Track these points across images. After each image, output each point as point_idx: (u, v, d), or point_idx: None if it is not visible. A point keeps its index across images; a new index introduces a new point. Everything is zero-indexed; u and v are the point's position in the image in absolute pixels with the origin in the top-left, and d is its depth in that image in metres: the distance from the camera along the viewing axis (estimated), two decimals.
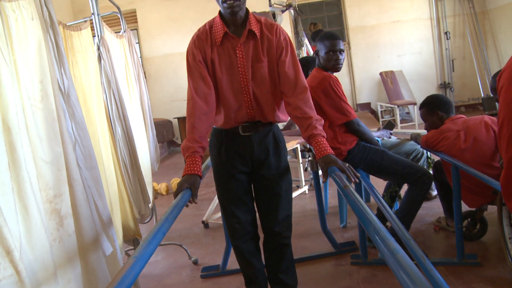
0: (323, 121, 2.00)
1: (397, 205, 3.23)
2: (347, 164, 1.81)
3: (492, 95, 2.48)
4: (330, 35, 2.83)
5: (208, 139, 2.13)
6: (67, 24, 2.39)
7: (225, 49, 1.96)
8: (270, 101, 2.05)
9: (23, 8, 1.72)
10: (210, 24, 2.01)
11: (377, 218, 1.24)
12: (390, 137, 3.33)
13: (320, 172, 3.33)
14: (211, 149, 2.18)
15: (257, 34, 1.96)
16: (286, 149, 2.21)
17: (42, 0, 1.82)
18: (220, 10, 1.97)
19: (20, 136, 1.53)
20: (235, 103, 2.02)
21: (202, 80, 1.97)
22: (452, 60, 8.42)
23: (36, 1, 1.79)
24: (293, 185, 4.46)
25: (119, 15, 3.52)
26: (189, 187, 1.81)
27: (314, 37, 5.47)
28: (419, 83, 8.43)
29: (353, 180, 1.75)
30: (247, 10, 1.99)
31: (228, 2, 1.85)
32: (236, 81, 1.99)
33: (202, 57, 1.98)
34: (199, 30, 2.03)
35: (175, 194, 1.77)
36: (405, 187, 2.95)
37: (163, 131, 7.91)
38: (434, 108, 2.88)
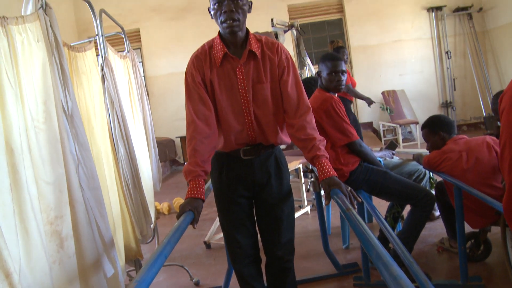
0: (325, 141, 1.97)
1: (399, 226, 3.22)
2: (349, 188, 1.78)
3: (493, 115, 2.49)
4: (332, 56, 2.85)
5: None
6: (72, 44, 2.42)
7: (225, 70, 1.92)
8: (272, 123, 2.00)
9: (29, 30, 1.74)
10: (210, 45, 1.97)
11: (379, 242, 1.23)
12: (392, 157, 3.32)
13: (322, 193, 3.33)
14: (212, 172, 2.11)
15: (258, 54, 1.93)
16: (288, 172, 2.17)
17: (48, 23, 1.84)
18: (219, 31, 1.93)
19: (23, 158, 1.54)
20: (235, 125, 1.97)
21: (202, 102, 1.92)
22: (454, 79, 8.45)
23: (42, 23, 1.81)
24: (295, 205, 4.44)
25: (123, 36, 3.56)
26: (191, 210, 1.77)
27: None
28: (421, 102, 8.45)
29: (353, 205, 1.71)
30: (247, 30, 1.96)
31: (228, 22, 1.82)
32: (236, 103, 1.94)
33: (201, 78, 1.94)
34: (197, 50, 1.99)
35: (178, 216, 1.74)
36: (408, 208, 2.94)
37: (166, 150, 7.92)
38: (436, 128, 2.88)
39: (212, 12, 1.88)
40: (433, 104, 8.53)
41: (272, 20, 5.38)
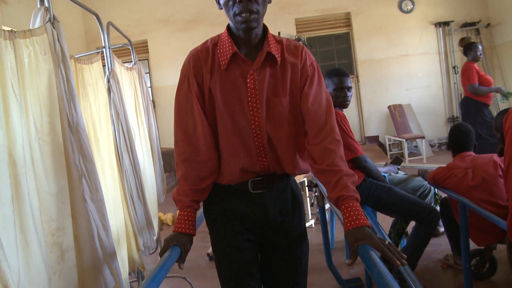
0: (356, 177, 1.49)
1: (404, 242, 3.19)
2: (387, 241, 1.31)
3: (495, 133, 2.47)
4: (338, 72, 2.85)
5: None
6: (79, 56, 2.44)
7: (232, 76, 1.50)
8: (292, 147, 1.58)
9: (36, 43, 1.76)
10: (214, 42, 1.55)
11: (381, 261, 1.22)
12: (397, 173, 3.31)
13: (327, 206, 3.31)
14: (208, 210, 1.68)
15: (278, 58, 1.52)
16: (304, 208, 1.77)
17: (55, 36, 1.86)
18: (228, 24, 1.55)
19: (25, 170, 1.54)
20: (242, 149, 1.54)
21: (199, 117, 1.52)
22: (461, 94, 8.41)
23: (50, 37, 1.83)
24: None
25: (130, 48, 3.59)
26: (178, 245, 1.47)
27: (466, 51, 5.71)
28: (427, 117, 8.42)
29: (397, 263, 1.24)
30: (265, 27, 1.56)
31: (244, 15, 1.41)
32: (244, 120, 1.52)
33: (198, 85, 1.53)
34: (197, 47, 1.56)
35: (161, 253, 1.48)
36: (412, 224, 2.92)
37: (171, 161, 7.93)
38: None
39: (222, 1, 1.48)
40: (439, 119, 8.50)
41: (279, 33, 5.41)
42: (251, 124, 1.52)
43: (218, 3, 1.53)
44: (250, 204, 1.59)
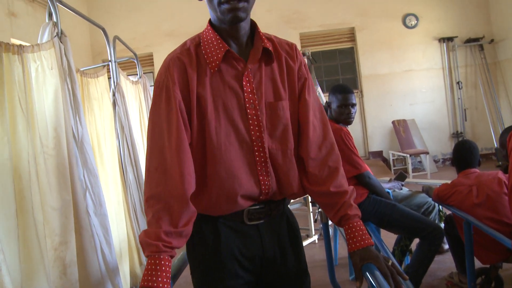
0: (355, 192, 1.38)
1: (408, 259, 3.16)
2: (390, 262, 1.25)
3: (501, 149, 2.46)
4: (343, 89, 2.85)
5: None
6: (86, 69, 2.47)
7: (224, 80, 1.26)
8: (293, 162, 1.35)
9: (43, 58, 1.78)
10: (195, 42, 1.29)
11: (384, 280, 1.20)
12: (401, 189, 3.30)
13: (331, 222, 3.29)
14: (193, 251, 1.35)
15: (273, 54, 1.31)
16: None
17: (63, 50, 1.88)
18: (209, 21, 1.32)
19: (30, 184, 1.55)
20: (241, 168, 1.27)
21: (180, 137, 1.19)
22: (465, 110, 8.42)
23: (57, 51, 1.85)
24: (303, 234, 4.41)
25: (136, 61, 3.61)
26: None
27: None
28: (431, 132, 8.41)
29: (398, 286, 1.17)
30: (253, 22, 1.33)
31: (231, 2, 1.17)
32: (243, 131, 1.27)
33: (183, 95, 1.22)
34: (174, 52, 1.28)
35: None
36: (416, 241, 2.89)
37: None
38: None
39: None
40: (443, 134, 8.48)
41: None
42: (252, 136, 1.27)
43: None
44: (246, 239, 1.32)
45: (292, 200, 3.89)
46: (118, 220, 2.47)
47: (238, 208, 1.29)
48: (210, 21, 1.31)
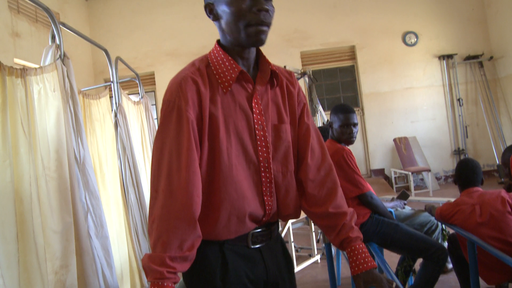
0: (355, 213, 1.40)
1: (411, 279, 3.13)
2: (394, 284, 1.28)
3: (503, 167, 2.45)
4: (345, 109, 2.86)
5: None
6: (88, 89, 2.48)
7: (236, 100, 1.26)
8: (294, 184, 1.38)
9: (46, 80, 1.79)
10: (205, 63, 1.30)
11: None
12: (404, 208, 3.28)
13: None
14: (194, 277, 1.28)
15: (279, 78, 1.35)
16: None
17: (65, 72, 1.89)
18: (218, 42, 1.33)
19: (32, 207, 1.55)
20: (249, 189, 1.27)
21: (190, 158, 1.17)
22: (466, 127, 8.42)
23: (59, 73, 1.86)
24: (305, 254, 4.38)
25: (138, 82, 3.63)
26: None
27: None
28: (432, 150, 8.41)
29: None
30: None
31: (261, 27, 1.21)
32: (252, 152, 1.28)
33: (195, 114, 1.20)
34: (185, 70, 1.27)
35: None
36: (420, 261, 2.87)
37: None
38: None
39: (229, 9, 1.23)
40: (445, 151, 8.48)
41: (284, 67, 5.46)
42: (259, 156, 1.28)
43: (211, 13, 1.30)
44: (251, 264, 1.30)
45: (294, 220, 3.87)
46: (120, 242, 2.46)
47: (245, 230, 1.28)
48: (218, 42, 1.32)
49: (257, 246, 1.32)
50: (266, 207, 1.29)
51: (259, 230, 1.32)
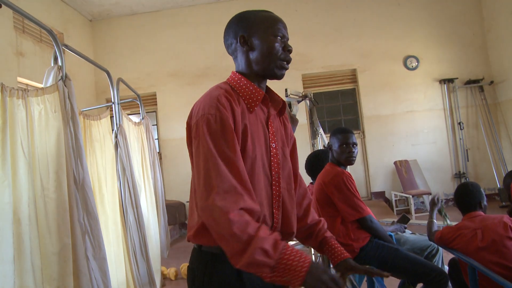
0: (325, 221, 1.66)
1: None
2: (367, 266, 1.54)
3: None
4: (343, 130, 2.88)
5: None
6: (89, 109, 2.49)
7: (257, 119, 1.44)
8: (294, 202, 1.54)
9: (47, 101, 1.80)
10: (229, 87, 1.44)
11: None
12: (404, 232, 3.26)
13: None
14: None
15: (284, 109, 1.56)
16: None
17: (66, 93, 1.90)
18: (236, 73, 1.48)
19: (29, 228, 1.54)
20: (265, 199, 1.41)
21: (241, 159, 1.30)
22: (467, 150, 8.42)
23: (61, 94, 1.87)
24: None
25: (139, 103, 3.65)
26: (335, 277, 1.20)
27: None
28: (433, 173, 8.39)
29: (384, 275, 1.43)
30: None
31: (287, 64, 1.46)
32: (266, 167, 1.42)
33: (234, 125, 1.33)
34: (217, 91, 1.38)
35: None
36: (420, 285, 2.83)
37: (176, 213, 7.87)
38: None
39: (267, 44, 1.43)
40: (446, 174, 8.46)
41: (286, 90, 5.49)
42: (272, 170, 1.44)
43: (244, 44, 1.45)
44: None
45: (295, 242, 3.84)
46: (117, 263, 2.44)
47: None
48: (236, 72, 1.48)
49: None
50: (274, 219, 1.43)
51: None
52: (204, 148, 1.27)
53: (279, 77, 1.46)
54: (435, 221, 3.03)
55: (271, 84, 1.51)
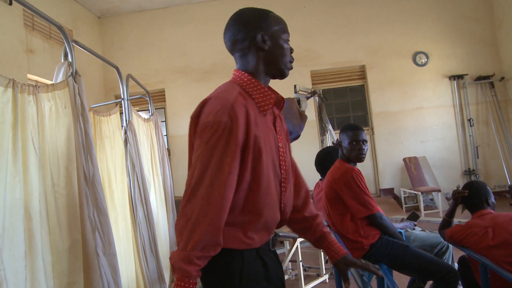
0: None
1: None
2: (363, 261, 1.59)
3: None
4: (353, 126, 2.86)
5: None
6: (98, 105, 2.50)
7: (267, 121, 1.45)
8: (292, 192, 1.61)
9: (57, 97, 1.80)
10: (240, 88, 1.43)
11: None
12: (414, 229, 3.24)
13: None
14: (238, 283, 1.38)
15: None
16: None
17: (77, 89, 1.90)
18: (244, 71, 1.48)
19: (40, 224, 1.55)
20: (276, 198, 1.46)
21: (234, 175, 1.32)
22: (477, 147, 8.36)
23: (71, 90, 1.87)
24: (313, 273, 4.33)
25: (148, 99, 3.65)
26: None
27: None
28: (443, 170, 8.33)
29: (379, 274, 1.53)
30: None
31: (292, 66, 1.55)
32: (276, 167, 1.46)
33: (244, 136, 1.33)
34: (230, 96, 1.36)
35: None
36: (430, 282, 2.82)
37: None
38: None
39: (281, 45, 1.49)
40: (455, 171, 8.40)
41: (295, 86, 5.48)
42: (281, 169, 1.48)
43: (263, 42, 1.45)
44: (274, 265, 1.50)
45: (302, 239, 3.83)
46: (127, 259, 2.45)
47: (271, 236, 1.50)
48: (244, 72, 1.47)
49: (273, 249, 1.53)
50: (282, 213, 1.50)
51: (273, 235, 1.52)
52: (204, 158, 1.31)
53: (284, 76, 1.52)
54: (453, 220, 2.98)
55: (281, 81, 1.55)
